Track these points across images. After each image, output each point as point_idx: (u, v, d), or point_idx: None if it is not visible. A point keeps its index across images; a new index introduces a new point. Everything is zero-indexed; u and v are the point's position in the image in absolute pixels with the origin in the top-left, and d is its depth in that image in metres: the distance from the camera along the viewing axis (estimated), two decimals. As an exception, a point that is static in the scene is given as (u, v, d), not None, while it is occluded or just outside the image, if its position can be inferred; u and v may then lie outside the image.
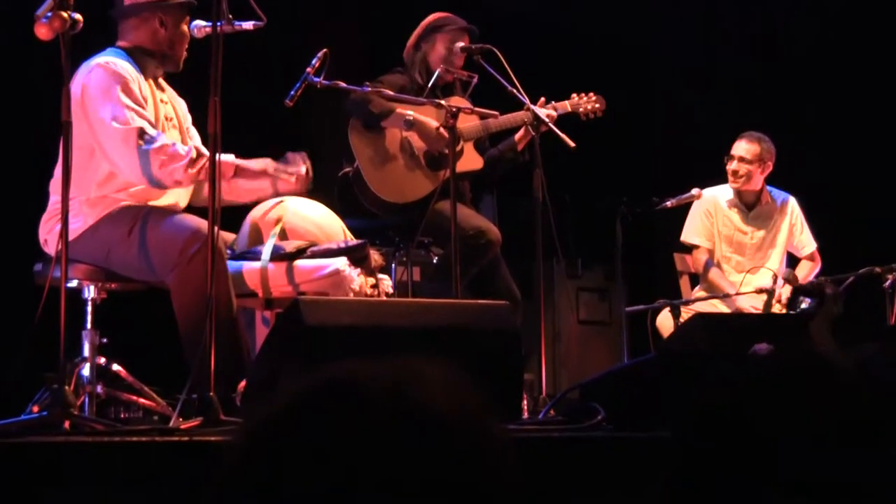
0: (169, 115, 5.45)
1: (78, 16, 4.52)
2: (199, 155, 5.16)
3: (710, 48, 9.76)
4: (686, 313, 7.32)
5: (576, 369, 8.00)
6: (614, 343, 8.30)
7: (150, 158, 5.10)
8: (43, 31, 4.51)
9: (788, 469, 1.71)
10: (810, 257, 7.95)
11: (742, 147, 7.79)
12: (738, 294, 7.46)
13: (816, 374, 1.78)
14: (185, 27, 5.42)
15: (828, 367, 1.79)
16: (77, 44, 4.59)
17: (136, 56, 5.37)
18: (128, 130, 5.10)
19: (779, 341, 5.60)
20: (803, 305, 6.53)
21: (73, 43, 4.53)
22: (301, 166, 5.43)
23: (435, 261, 6.65)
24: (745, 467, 1.71)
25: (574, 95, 6.95)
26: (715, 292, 7.64)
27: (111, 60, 5.26)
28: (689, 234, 7.91)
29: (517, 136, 6.77)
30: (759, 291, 7.36)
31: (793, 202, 7.97)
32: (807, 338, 5.58)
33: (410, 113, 6.62)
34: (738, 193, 7.88)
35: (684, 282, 7.86)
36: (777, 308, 7.36)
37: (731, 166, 7.80)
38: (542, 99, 6.72)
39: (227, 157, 5.24)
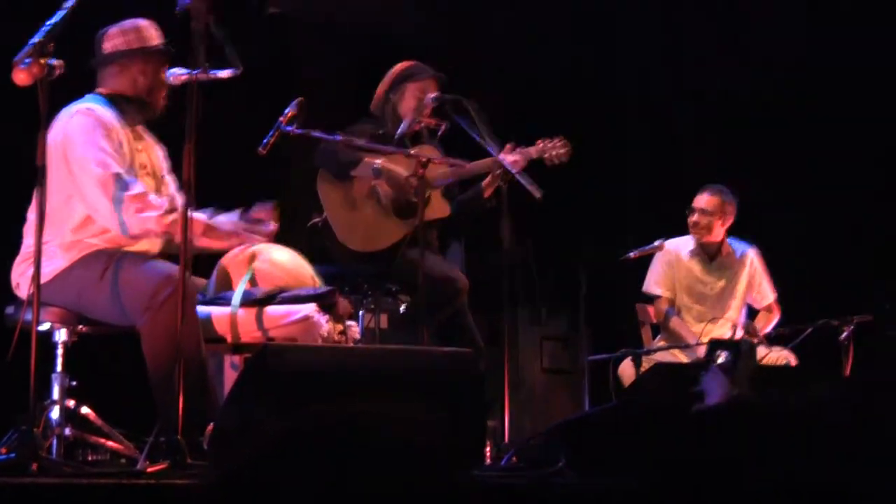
0: (144, 162, 5.42)
1: (57, 62, 4.52)
2: (173, 209, 5.14)
3: (679, 101, 9.79)
4: (647, 363, 7.34)
5: (539, 416, 7.99)
6: (577, 391, 8.30)
7: (124, 204, 5.08)
8: (21, 77, 4.49)
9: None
10: (768, 308, 7.97)
11: (703, 199, 7.81)
12: (698, 344, 7.47)
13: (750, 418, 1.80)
14: (163, 75, 5.43)
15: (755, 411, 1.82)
16: (55, 90, 4.58)
17: (117, 103, 5.36)
18: (107, 175, 5.09)
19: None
20: (720, 359, 6.56)
21: (51, 89, 4.52)
22: (269, 224, 5.44)
23: (402, 308, 6.64)
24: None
25: (539, 141, 6.89)
26: (677, 341, 7.65)
27: (92, 107, 5.25)
28: (650, 285, 7.92)
29: (485, 182, 6.76)
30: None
31: (753, 254, 7.99)
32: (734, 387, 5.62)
33: (378, 161, 6.61)
34: (700, 244, 7.90)
35: (646, 331, 7.87)
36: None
37: (693, 218, 7.82)
38: (509, 145, 6.71)
39: (199, 216, 5.24)
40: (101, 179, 5.10)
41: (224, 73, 5.04)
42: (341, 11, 8.48)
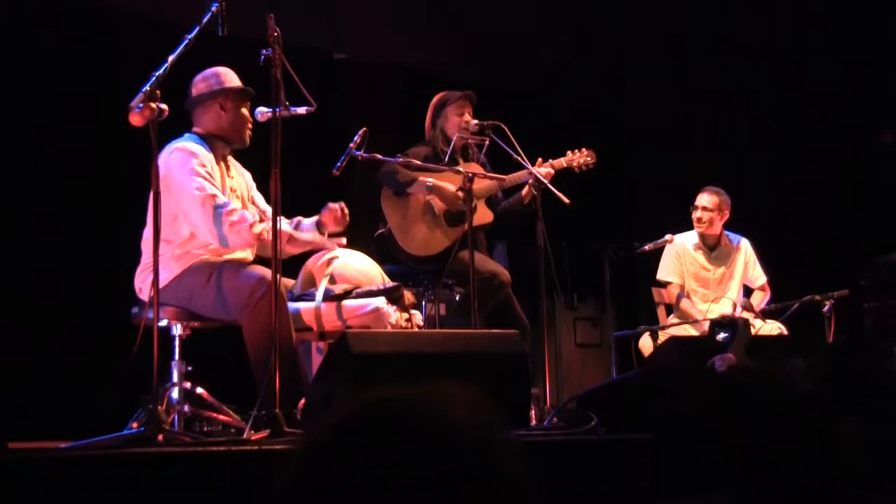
0: (234, 186, 5.47)
1: (164, 106, 4.55)
2: (262, 219, 5.21)
3: (682, 115, 9.75)
4: (662, 337, 7.33)
5: (574, 384, 7.98)
6: (605, 362, 8.30)
7: (222, 220, 5.14)
8: (135, 119, 4.53)
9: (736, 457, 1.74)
10: (761, 288, 7.97)
11: (704, 199, 7.86)
12: (704, 320, 7.46)
13: (748, 386, 1.82)
14: (244, 111, 5.45)
15: (756, 380, 1.83)
16: (163, 128, 4.62)
17: (207, 139, 5.41)
18: (204, 197, 5.15)
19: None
20: (720, 337, 6.55)
21: (159, 128, 4.56)
22: (341, 239, 5.47)
23: (457, 298, 6.64)
24: (708, 461, 1.74)
25: (568, 152, 6.91)
26: (686, 319, 7.66)
27: (186, 145, 5.31)
28: (663, 273, 7.93)
29: (523, 192, 6.76)
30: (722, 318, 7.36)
31: (746, 243, 8.00)
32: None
33: (430, 180, 6.65)
34: (702, 237, 7.92)
35: (661, 311, 7.88)
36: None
37: (696, 215, 7.86)
38: (540, 159, 6.72)
39: (285, 227, 5.29)
40: (199, 201, 5.15)
41: (301, 110, 5.08)
42: (387, 54, 8.50)
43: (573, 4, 9.10)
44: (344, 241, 5.50)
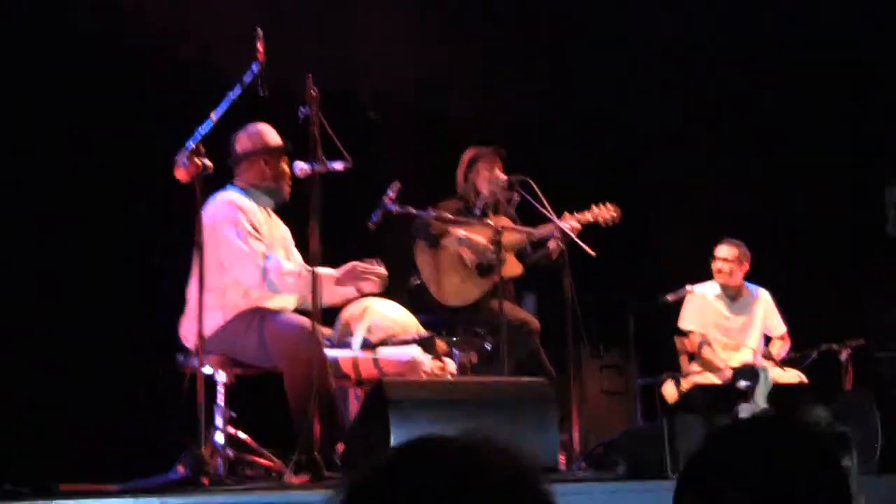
0: (277, 236, 5.49)
1: (209, 162, 4.58)
2: (304, 270, 5.20)
3: (700, 167, 9.74)
4: (686, 384, 7.30)
5: (600, 430, 7.93)
6: (630, 408, 8.25)
7: (269, 274, 5.16)
8: (181, 174, 4.57)
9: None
10: (781, 337, 7.92)
11: (724, 250, 7.84)
12: (726, 368, 7.43)
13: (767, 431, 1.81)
14: (284, 166, 5.47)
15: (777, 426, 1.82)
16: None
17: (250, 192, 5.44)
18: (252, 253, 5.17)
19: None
20: (742, 384, 6.52)
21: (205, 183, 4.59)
22: (380, 267, 5.46)
23: (488, 347, 6.64)
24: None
25: (593, 206, 6.88)
26: (709, 367, 7.62)
27: (234, 197, 5.34)
28: (685, 322, 7.90)
29: (550, 247, 6.75)
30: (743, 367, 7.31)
31: (765, 294, 7.97)
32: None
33: (462, 232, 6.66)
34: (723, 287, 7.88)
35: (683, 359, 7.85)
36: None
37: (716, 265, 7.84)
38: (566, 213, 6.72)
39: (326, 270, 5.29)
40: (248, 257, 5.17)
41: (338, 166, 5.10)
42: (417, 110, 8.54)
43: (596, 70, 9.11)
44: (384, 271, 5.45)
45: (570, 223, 6.62)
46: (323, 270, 5.25)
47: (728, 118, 9.37)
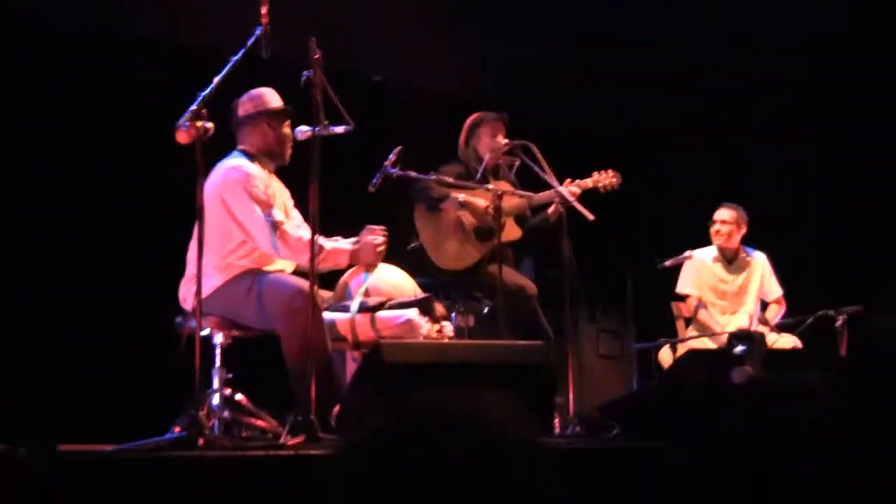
0: (279, 200, 5.48)
1: (210, 124, 4.55)
2: (322, 248, 5.23)
3: (699, 131, 9.71)
4: (682, 349, 7.30)
5: (596, 394, 7.94)
6: (626, 373, 8.26)
7: (286, 244, 5.18)
8: (182, 137, 4.53)
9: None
10: (777, 301, 7.93)
11: (723, 213, 7.88)
12: (722, 333, 7.43)
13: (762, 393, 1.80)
14: (287, 129, 5.47)
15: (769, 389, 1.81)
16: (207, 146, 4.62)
17: (254, 156, 5.43)
18: (269, 223, 5.19)
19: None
20: (737, 349, 6.52)
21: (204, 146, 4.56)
22: (378, 236, 5.45)
23: (486, 310, 6.63)
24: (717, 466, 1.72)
25: (594, 173, 6.87)
26: (704, 331, 7.63)
27: (241, 163, 5.34)
28: (682, 286, 7.91)
29: (550, 210, 6.73)
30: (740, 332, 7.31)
31: (762, 256, 7.98)
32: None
33: (462, 196, 6.64)
34: (721, 251, 7.90)
35: (680, 324, 7.85)
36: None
37: (714, 228, 7.89)
38: (568, 179, 6.69)
39: (327, 241, 5.31)
40: (265, 226, 5.19)
41: (339, 129, 5.08)
42: (422, 78, 8.51)
43: (599, 38, 9.06)
44: (384, 240, 5.46)
45: (569, 189, 6.60)
46: (338, 244, 5.27)
47: (732, 81, 9.34)
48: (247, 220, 5.21)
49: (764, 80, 9.17)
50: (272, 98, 5.51)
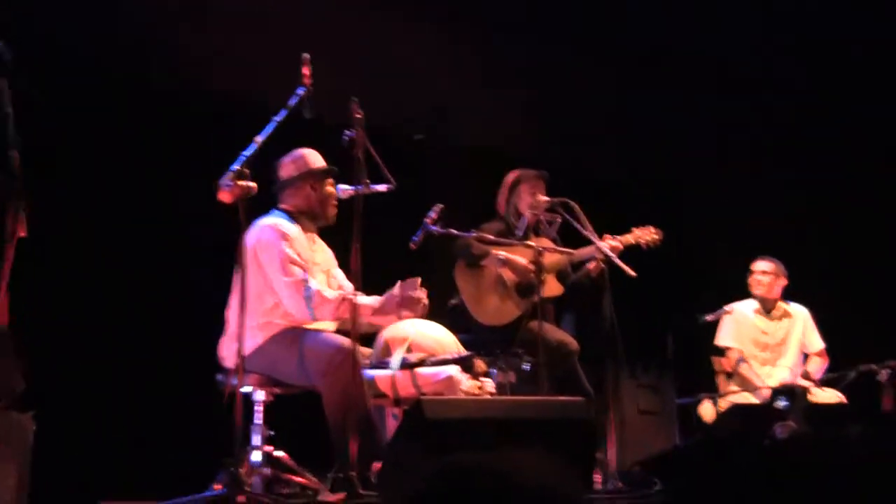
0: (318, 261, 5.46)
1: (253, 184, 4.57)
2: (344, 299, 5.16)
3: (740, 186, 9.68)
4: (723, 404, 7.24)
5: (637, 450, 7.87)
6: (667, 428, 8.19)
7: (310, 303, 5.13)
8: (225, 196, 4.55)
9: None
10: (819, 354, 7.86)
11: (762, 264, 7.90)
12: (764, 388, 7.37)
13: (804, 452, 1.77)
14: (330, 188, 5.48)
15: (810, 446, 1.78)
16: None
17: (295, 217, 5.43)
18: (296, 282, 5.15)
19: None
20: (780, 404, 6.46)
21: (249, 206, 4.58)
22: (422, 297, 5.42)
23: (526, 367, 6.60)
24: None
25: (634, 229, 6.86)
26: (746, 385, 7.57)
27: (278, 222, 5.32)
28: (723, 339, 7.88)
29: (590, 266, 6.72)
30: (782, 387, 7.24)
31: (803, 310, 7.95)
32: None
33: (503, 253, 6.63)
34: (761, 301, 7.88)
35: (721, 379, 7.80)
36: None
37: (754, 279, 7.91)
38: (607, 235, 6.68)
39: (367, 300, 5.26)
40: (292, 286, 5.16)
41: (381, 188, 5.10)
42: (463, 135, 8.55)
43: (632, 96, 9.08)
44: (426, 300, 5.43)
45: (610, 244, 6.59)
46: (364, 300, 5.25)
47: (772, 136, 9.31)
48: (275, 280, 5.19)
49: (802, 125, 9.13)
50: (314, 159, 5.52)
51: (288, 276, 5.14)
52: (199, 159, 5.54)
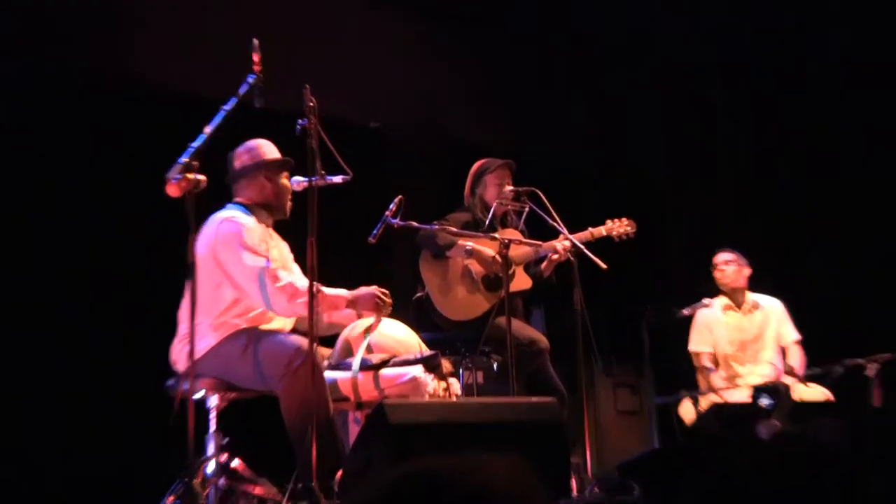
0: (275, 256, 5.46)
1: (202, 177, 4.57)
2: (318, 290, 5.16)
3: (712, 176, 9.77)
4: (704, 402, 7.29)
5: (615, 452, 7.93)
6: (646, 429, 8.24)
7: (280, 294, 5.13)
8: (173, 190, 4.54)
9: None
10: (796, 343, 7.94)
11: (722, 256, 8.02)
12: (746, 385, 7.42)
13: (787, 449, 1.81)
14: (285, 181, 5.50)
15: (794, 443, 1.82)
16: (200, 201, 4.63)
17: (252, 209, 5.44)
18: (260, 269, 5.15)
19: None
20: (763, 402, 6.51)
21: (196, 199, 4.58)
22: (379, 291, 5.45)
23: (495, 366, 6.63)
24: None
25: (608, 221, 6.93)
26: (729, 383, 7.63)
27: (235, 214, 5.32)
28: (694, 344, 7.98)
29: (543, 265, 6.80)
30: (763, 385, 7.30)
31: (777, 303, 8.04)
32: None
33: (469, 244, 6.65)
34: (730, 294, 7.96)
35: (701, 376, 7.85)
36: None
37: (718, 271, 8.00)
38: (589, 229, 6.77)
39: (340, 291, 5.30)
40: (256, 274, 5.15)
41: (337, 179, 5.11)
42: (421, 127, 8.59)
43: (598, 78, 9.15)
44: (389, 301, 5.47)
45: (575, 237, 6.63)
46: (335, 291, 5.28)
47: (750, 122, 9.40)
48: (238, 273, 5.17)
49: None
50: (269, 149, 5.53)
51: (252, 265, 5.15)
52: (148, 154, 5.54)
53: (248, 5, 7.55)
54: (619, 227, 6.89)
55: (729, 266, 7.95)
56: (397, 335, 5.52)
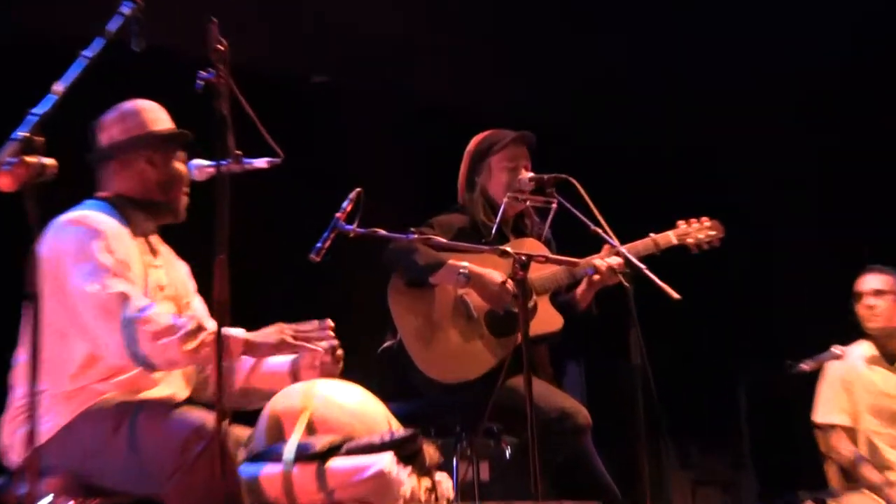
0: (161, 282, 5.40)
1: (49, 161, 4.52)
2: (200, 328, 5.06)
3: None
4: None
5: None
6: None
7: (136, 331, 5.00)
8: (5, 181, 4.51)
9: None
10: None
11: (872, 280, 7.86)
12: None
13: None
14: (179, 165, 5.45)
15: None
16: (50, 198, 4.61)
17: (120, 207, 5.37)
18: (109, 296, 5.04)
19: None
20: None
21: (45, 195, 4.55)
22: (327, 331, 5.42)
23: (507, 453, 6.62)
24: None
25: (680, 223, 6.87)
26: (874, 490, 7.59)
27: (86, 214, 5.24)
28: (823, 413, 7.86)
29: (578, 290, 6.74)
30: None
31: None
32: None
33: (465, 264, 6.56)
34: (878, 344, 7.88)
35: (831, 469, 7.82)
36: None
37: (864, 304, 7.83)
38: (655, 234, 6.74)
39: (237, 332, 5.21)
40: (102, 304, 5.05)
41: (261, 163, 5.05)
42: (397, 76, 8.58)
43: None
44: (336, 341, 5.44)
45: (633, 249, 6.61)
46: (234, 331, 5.23)
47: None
48: (84, 306, 5.10)
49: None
50: (154, 116, 5.49)
51: (97, 290, 5.07)
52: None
53: None
54: (696, 230, 6.86)
55: (880, 300, 7.86)
56: (353, 405, 5.50)
